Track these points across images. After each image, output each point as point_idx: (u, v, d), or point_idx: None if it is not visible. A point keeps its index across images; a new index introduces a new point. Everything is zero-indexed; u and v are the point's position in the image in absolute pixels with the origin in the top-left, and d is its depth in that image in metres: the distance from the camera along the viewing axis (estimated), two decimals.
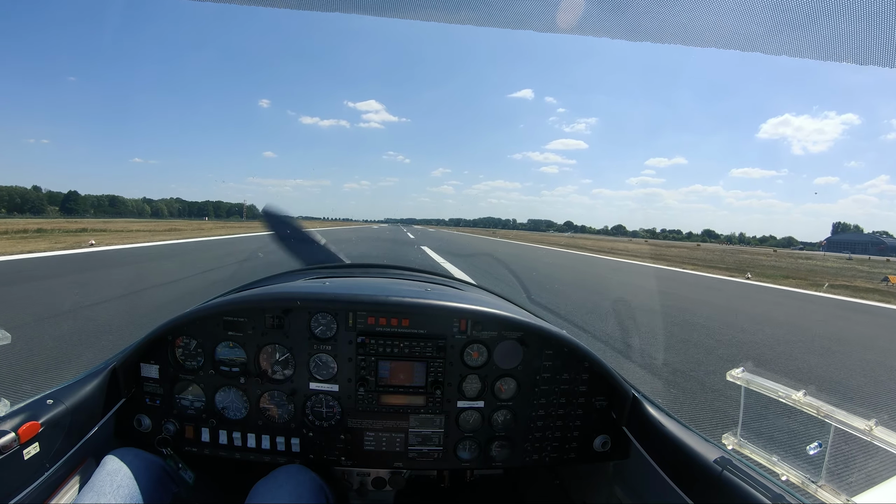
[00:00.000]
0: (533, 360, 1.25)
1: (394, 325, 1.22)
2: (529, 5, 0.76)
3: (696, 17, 0.69)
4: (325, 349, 1.22)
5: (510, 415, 1.26)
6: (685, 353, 4.71)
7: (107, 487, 0.97)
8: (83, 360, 3.42)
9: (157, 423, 1.21)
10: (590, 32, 0.76)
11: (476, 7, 0.77)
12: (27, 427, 0.93)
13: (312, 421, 1.23)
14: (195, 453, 1.22)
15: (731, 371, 0.99)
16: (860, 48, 0.63)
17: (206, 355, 1.21)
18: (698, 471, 0.98)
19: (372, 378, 1.21)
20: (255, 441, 1.21)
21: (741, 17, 0.68)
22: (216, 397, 1.22)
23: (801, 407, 0.85)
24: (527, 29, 0.80)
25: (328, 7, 0.84)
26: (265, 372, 1.22)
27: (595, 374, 1.27)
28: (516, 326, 1.23)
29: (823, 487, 0.81)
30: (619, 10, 0.72)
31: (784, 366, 4.59)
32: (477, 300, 1.30)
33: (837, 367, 4.68)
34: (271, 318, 1.20)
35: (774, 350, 5.23)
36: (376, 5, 0.82)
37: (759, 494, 0.84)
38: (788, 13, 0.64)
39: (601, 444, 1.28)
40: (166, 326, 1.19)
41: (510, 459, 1.27)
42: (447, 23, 0.82)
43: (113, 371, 1.18)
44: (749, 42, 0.71)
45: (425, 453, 1.25)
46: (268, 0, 0.84)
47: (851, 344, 5.83)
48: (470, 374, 1.24)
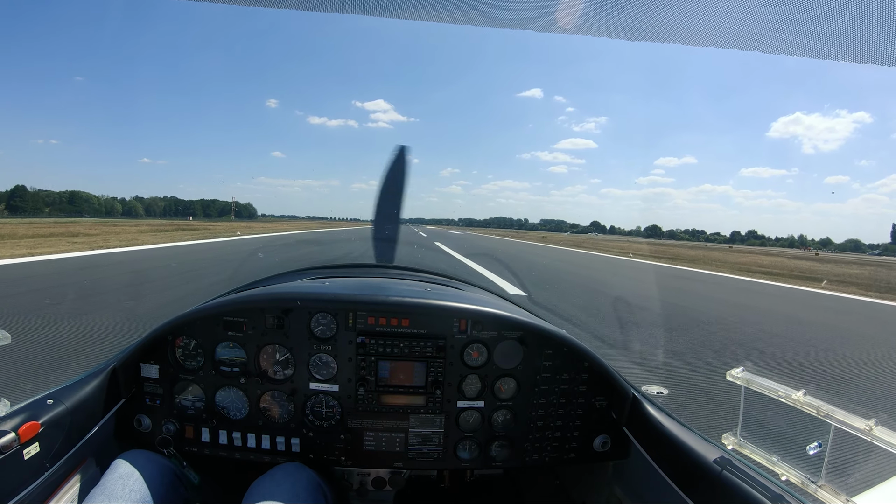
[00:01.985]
0: (533, 360, 1.25)
1: (394, 325, 1.22)
2: (529, 5, 0.76)
3: (694, 16, 0.69)
4: (325, 349, 1.22)
5: (510, 415, 1.26)
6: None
7: (118, 491, 0.96)
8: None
9: (158, 423, 1.21)
10: (589, 32, 0.76)
11: (476, 7, 0.77)
12: (27, 427, 0.93)
13: (312, 421, 1.23)
14: (195, 453, 1.22)
15: (731, 371, 0.99)
16: (860, 47, 0.63)
17: (206, 355, 1.21)
18: (698, 471, 0.98)
19: (372, 378, 1.21)
20: (255, 441, 1.21)
21: (740, 16, 0.68)
22: (216, 397, 1.22)
23: (801, 407, 0.85)
24: (526, 29, 0.80)
25: (330, 8, 0.85)
26: (265, 372, 1.22)
27: (595, 373, 1.27)
28: (516, 326, 1.23)
29: (823, 487, 0.81)
30: (618, 9, 0.72)
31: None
32: (477, 300, 1.30)
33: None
34: (271, 318, 1.20)
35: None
36: (377, 6, 0.82)
37: (759, 494, 0.84)
38: (787, 12, 0.64)
39: (601, 443, 1.28)
40: (166, 326, 1.19)
41: (510, 459, 1.27)
42: (447, 23, 0.82)
43: (113, 371, 1.18)
44: (748, 41, 0.71)
45: (425, 453, 1.25)
46: (272, 1, 0.84)
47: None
48: (470, 374, 1.24)
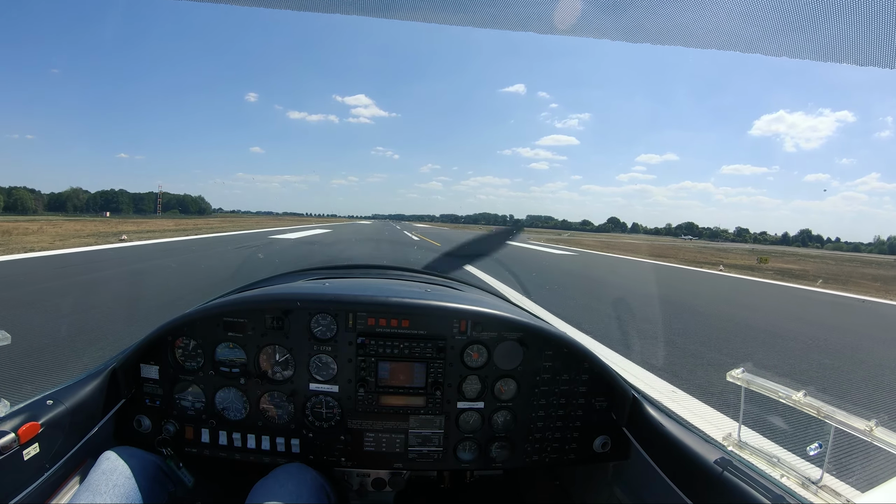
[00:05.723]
0: (533, 361, 1.25)
1: (394, 326, 1.22)
2: (528, 8, 0.76)
3: (694, 19, 0.69)
4: (325, 350, 1.21)
5: (510, 415, 1.26)
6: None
7: (102, 486, 0.96)
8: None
9: (157, 423, 1.21)
10: (590, 34, 0.76)
11: (476, 9, 0.77)
12: (27, 428, 0.93)
13: (312, 422, 1.23)
14: (195, 454, 1.22)
15: (732, 371, 0.99)
16: (858, 49, 0.63)
17: (206, 356, 1.21)
18: (698, 471, 0.98)
19: (372, 379, 1.21)
20: (255, 442, 1.21)
21: (740, 20, 0.68)
22: (216, 398, 1.22)
23: (801, 407, 0.85)
24: (527, 31, 0.80)
25: (325, 8, 0.85)
26: (265, 373, 1.22)
27: (595, 374, 1.26)
28: (516, 327, 1.23)
29: (823, 488, 0.81)
30: (618, 12, 0.72)
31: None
32: (477, 301, 1.30)
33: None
34: (271, 318, 1.20)
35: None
36: (375, 7, 0.82)
37: (759, 495, 0.84)
38: (786, 15, 0.64)
39: (601, 444, 1.28)
40: (166, 327, 1.19)
41: (510, 460, 1.27)
42: (447, 24, 0.82)
43: (113, 372, 1.18)
44: (748, 44, 0.71)
45: (425, 454, 1.25)
46: (265, 0, 0.84)
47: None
48: (470, 375, 1.24)
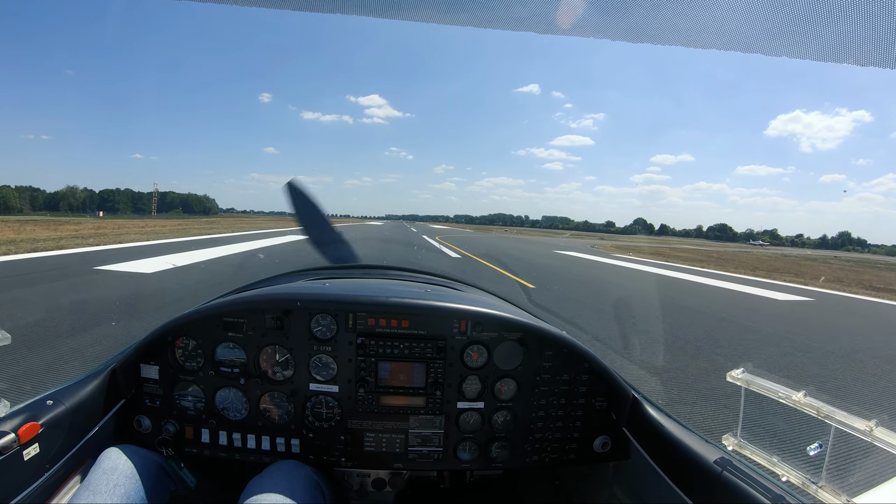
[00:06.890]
0: (533, 361, 1.25)
1: (394, 326, 1.22)
2: (529, 7, 0.76)
3: (696, 19, 0.69)
4: (325, 350, 1.21)
5: (510, 416, 1.26)
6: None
7: (103, 486, 0.95)
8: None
9: (157, 423, 1.21)
10: (590, 34, 0.76)
11: (475, 9, 0.77)
12: (27, 428, 0.93)
13: (312, 422, 1.23)
14: (195, 454, 1.22)
15: (732, 371, 0.99)
16: (859, 49, 0.63)
17: (206, 356, 1.21)
18: (698, 471, 0.98)
19: (372, 379, 1.21)
20: (255, 442, 1.21)
21: (741, 19, 0.68)
22: (216, 398, 1.22)
23: (801, 408, 0.85)
24: (527, 30, 0.80)
25: (329, 8, 0.85)
26: (265, 373, 1.22)
27: (595, 374, 1.26)
28: (516, 327, 1.23)
29: (823, 488, 0.81)
30: (619, 11, 0.72)
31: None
32: (477, 301, 1.30)
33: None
34: (271, 318, 1.20)
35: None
36: (377, 7, 0.82)
37: (759, 495, 0.84)
38: (787, 15, 0.64)
39: (601, 444, 1.28)
40: (166, 327, 1.19)
41: (510, 460, 1.27)
42: (447, 24, 0.82)
43: (113, 372, 1.18)
44: (749, 44, 0.71)
45: (425, 454, 1.25)
46: (270, 1, 0.84)
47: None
48: (470, 375, 1.24)
